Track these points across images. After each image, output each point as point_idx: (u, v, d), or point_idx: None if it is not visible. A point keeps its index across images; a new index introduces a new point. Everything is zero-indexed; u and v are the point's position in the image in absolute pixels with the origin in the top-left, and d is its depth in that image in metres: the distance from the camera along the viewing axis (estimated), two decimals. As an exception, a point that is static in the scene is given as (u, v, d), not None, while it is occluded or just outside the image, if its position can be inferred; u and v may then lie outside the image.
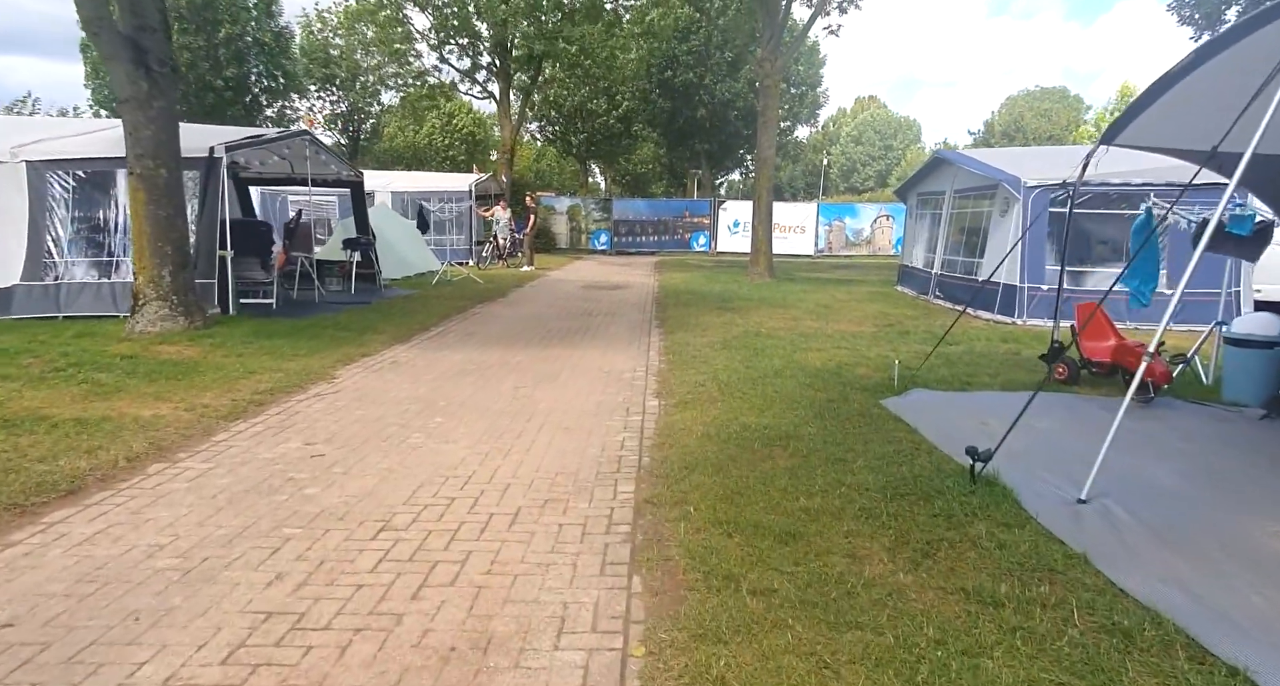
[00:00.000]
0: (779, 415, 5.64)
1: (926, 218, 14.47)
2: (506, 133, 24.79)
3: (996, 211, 11.09)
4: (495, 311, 11.81)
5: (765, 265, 17.46)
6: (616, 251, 29.37)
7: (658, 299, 14.09)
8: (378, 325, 9.51)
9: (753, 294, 14.75)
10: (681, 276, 18.85)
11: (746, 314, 11.74)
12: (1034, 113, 49.62)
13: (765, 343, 8.94)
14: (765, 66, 16.34)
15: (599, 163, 46.44)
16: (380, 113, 49.58)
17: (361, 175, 13.31)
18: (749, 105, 32.93)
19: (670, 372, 7.29)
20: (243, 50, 34.38)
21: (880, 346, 8.84)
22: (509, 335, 9.51)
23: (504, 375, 7.13)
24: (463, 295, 13.54)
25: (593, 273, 20.24)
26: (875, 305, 13.07)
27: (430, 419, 5.52)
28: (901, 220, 29.85)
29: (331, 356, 7.40)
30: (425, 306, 11.76)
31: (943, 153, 13.36)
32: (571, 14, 22.41)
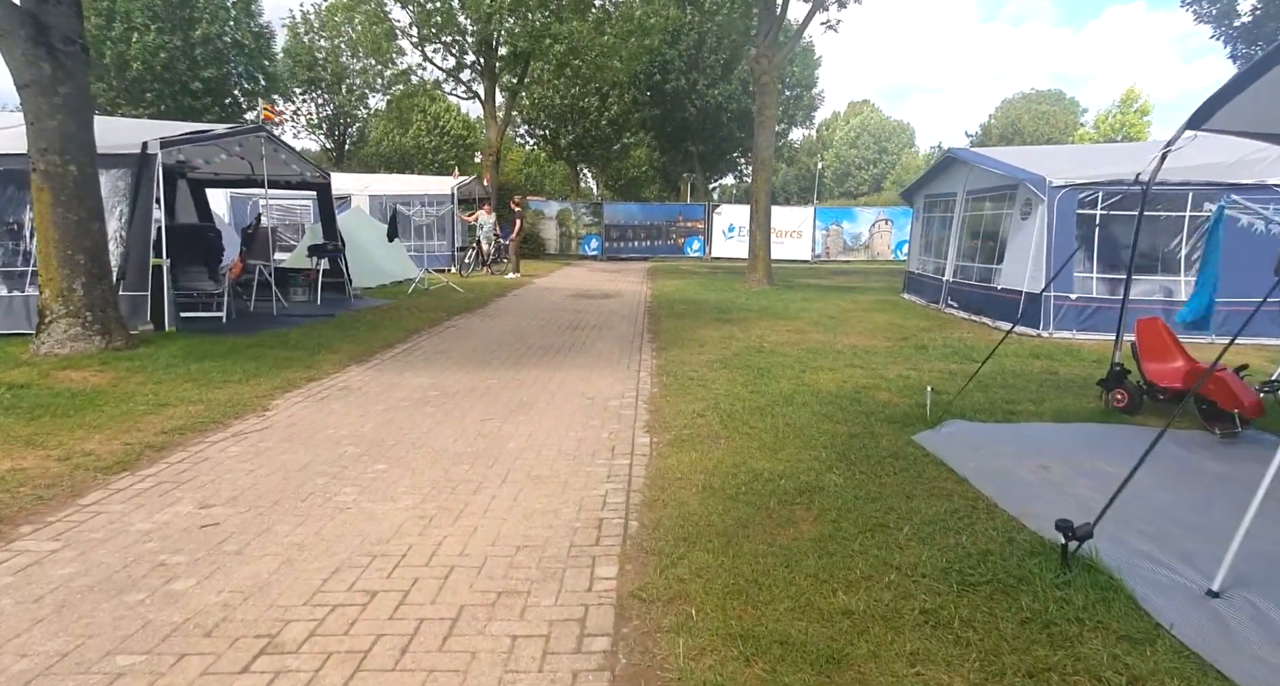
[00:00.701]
0: (795, 458, 4.66)
1: (936, 221, 13.55)
2: (492, 134, 23.81)
3: (1017, 214, 10.17)
4: (472, 325, 10.81)
5: (764, 272, 16.52)
6: (608, 257, 28.41)
7: (650, 309, 13.12)
8: (335, 342, 8.48)
9: (752, 303, 13.79)
10: (675, 284, 17.89)
11: (747, 326, 10.78)
12: (1031, 115, 48.96)
13: (770, 361, 7.96)
14: (762, 63, 15.43)
15: (590, 166, 45.53)
16: (367, 116, 48.62)
17: (328, 176, 12.30)
18: (742, 108, 32.07)
19: (664, 399, 6.31)
20: (221, 50, 33.33)
21: (898, 364, 7.88)
22: (483, 353, 8.50)
23: (471, 404, 6.13)
24: (439, 306, 12.53)
25: (582, 280, 19.26)
26: (884, 315, 12.12)
27: (371, 465, 4.51)
28: (901, 224, 29.06)
29: (270, 382, 6.38)
30: (395, 319, 10.74)
31: (956, 151, 12.46)
32: (558, 11, 21.46)
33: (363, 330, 9.56)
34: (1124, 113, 54.82)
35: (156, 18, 31.23)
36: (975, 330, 10.46)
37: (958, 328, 10.72)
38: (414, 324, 10.38)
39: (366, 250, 15.57)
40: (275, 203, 18.99)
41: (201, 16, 32.23)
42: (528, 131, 41.95)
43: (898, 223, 28.94)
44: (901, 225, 28.90)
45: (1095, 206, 9.57)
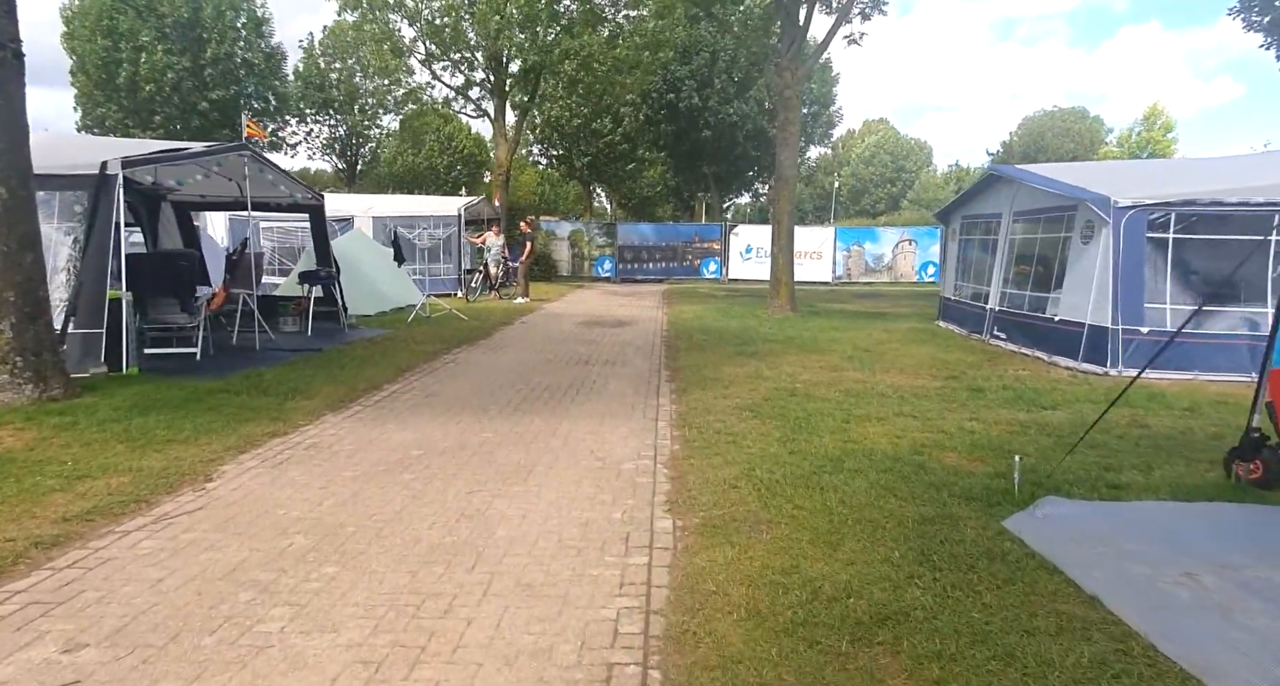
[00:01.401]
0: (862, 557, 3.63)
1: (976, 244, 12.52)
2: (502, 153, 23.08)
3: (1077, 237, 9.13)
4: (472, 359, 9.86)
5: (787, 297, 15.52)
6: (621, 279, 27.53)
7: (667, 339, 12.14)
8: (315, 384, 7.55)
9: (776, 332, 12.78)
10: (693, 309, 16.92)
11: (774, 361, 9.76)
12: (1055, 132, 47.89)
13: (807, 407, 6.94)
14: (785, 77, 14.54)
15: (603, 186, 44.89)
16: (380, 137, 48.42)
17: (321, 198, 11.45)
18: (757, 127, 31.31)
19: (688, 461, 5.30)
20: (231, 71, 33.02)
21: (954, 412, 6.83)
22: (481, 396, 7.54)
23: (458, 467, 5.15)
24: (439, 336, 11.61)
25: (594, 304, 18.33)
26: (923, 348, 11.07)
27: (318, 567, 3.53)
28: (925, 245, 28.00)
29: (224, 440, 5.43)
30: (388, 353, 9.82)
31: (1000, 168, 11.43)
32: (569, 27, 20.78)
33: (349, 367, 8.63)
34: (1148, 129, 53.69)
35: (166, 38, 30.99)
36: (1030, 366, 9.38)
37: (1009, 363, 9.64)
38: (408, 359, 9.44)
39: (367, 275, 14.75)
40: (273, 225, 18.26)
41: (211, 37, 31.97)
42: (540, 151, 41.45)
43: (922, 243, 27.93)
44: (926, 246, 27.89)
45: (1167, 229, 8.53)
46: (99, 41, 31.02)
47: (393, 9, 20.22)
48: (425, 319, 13.69)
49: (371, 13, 20.21)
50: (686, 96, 29.80)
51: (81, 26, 31.56)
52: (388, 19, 20.95)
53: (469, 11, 20.57)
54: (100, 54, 31.05)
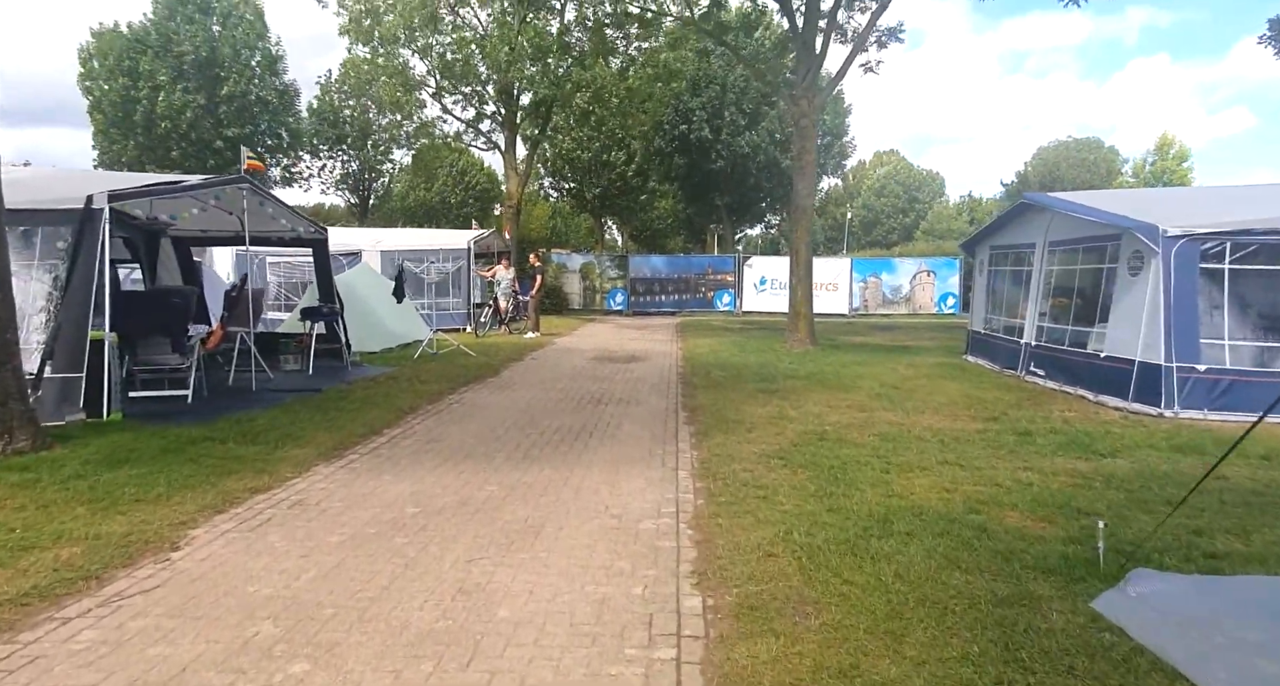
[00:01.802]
0: (934, 656, 3.03)
1: (1007, 276, 11.97)
2: (512, 185, 22.87)
3: (1123, 269, 8.56)
4: (479, 399, 9.34)
5: (806, 330, 14.97)
6: (634, 312, 27.11)
7: (683, 375, 11.59)
8: (309, 429, 7.04)
9: (797, 367, 12.21)
10: (708, 343, 16.39)
11: (798, 399, 9.18)
12: (1070, 162, 47.52)
13: (840, 453, 6.35)
14: (801, 105, 14.19)
15: (614, 218, 44.80)
16: (393, 171, 48.73)
17: (324, 232, 11.08)
18: (770, 157, 31.13)
19: (715, 521, 4.72)
20: (246, 108, 33.27)
21: (1004, 460, 6.22)
22: (486, 442, 7.00)
23: (458, 528, 4.59)
24: (445, 374, 11.12)
25: (606, 338, 17.85)
26: (955, 384, 10.46)
27: (284, 667, 2.97)
28: (944, 276, 27.43)
29: (200, 498, 4.91)
30: (390, 393, 9.31)
31: (1034, 197, 10.92)
32: (581, 59, 20.68)
33: (349, 410, 8.12)
34: (1162, 159, 53.27)
35: (183, 76, 31.30)
36: (1075, 406, 8.75)
37: (1052, 402, 9.02)
38: (411, 400, 8.93)
39: (373, 310, 14.35)
40: (280, 260, 17.98)
41: (229, 75, 32.28)
42: (552, 184, 41.48)
43: (940, 274, 27.38)
44: (944, 277, 27.33)
45: (1222, 260, 7.96)
46: (118, 80, 31.40)
47: (403, 43, 20.21)
48: (432, 356, 13.23)
49: (382, 47, 20.19)
50: (698, 128, 29.69)
51: (101, 66, 31.98)
52: (398, 53, 20.93)
53: (480, 45, 20.53)
54: (119, 92, 31.39)
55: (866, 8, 15.96)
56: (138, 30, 31.99)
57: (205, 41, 31.52)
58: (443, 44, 21.07)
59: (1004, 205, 56.24)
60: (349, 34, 19.47)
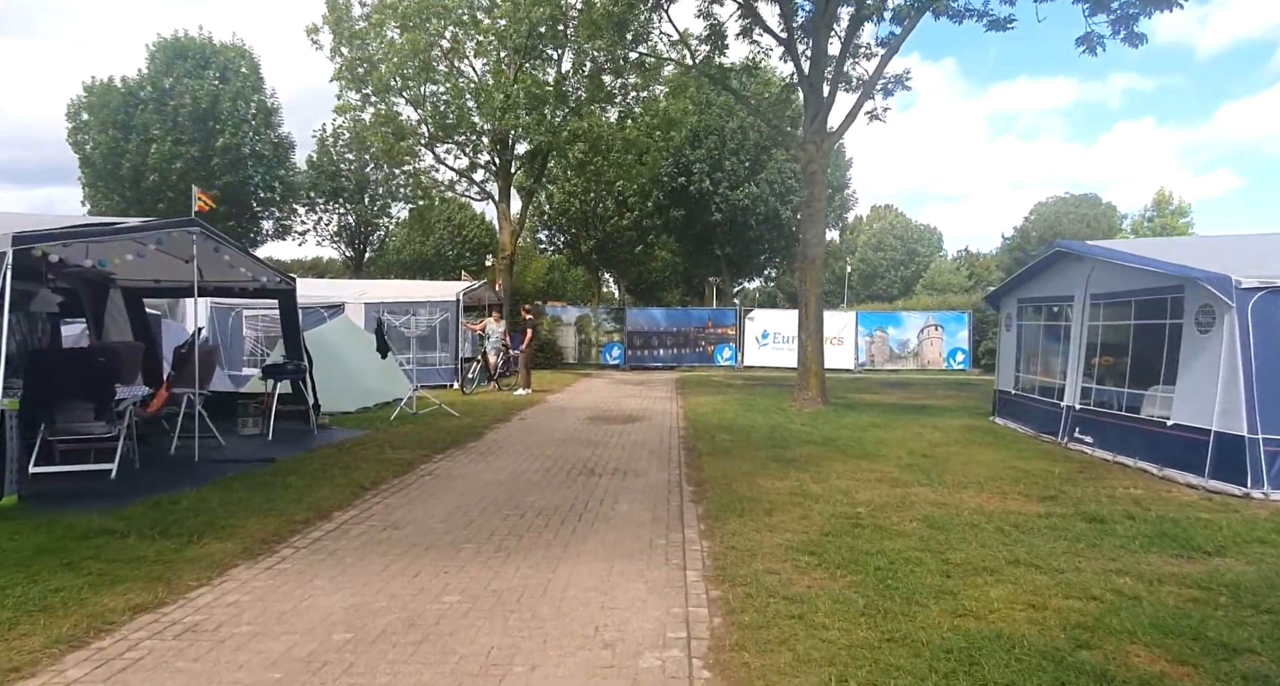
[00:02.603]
0: None
1: (1040, 332, 10.97)
2: (505, 236, 22.13)
3: (1189, 325, 7.55)
4: (455, 469, 8.19)
5: (817, 388, 13.90)
6: (631, 366, 26.06)
7: (686, 439, 10.46)
8: (239, 514, 5.87)
9: (811, 430, 11.09)
10: (710, 401, 15.28)
11: (819, 470, 8.05)
12: (1071, 217, 47.31)
13: (884, 548, 5.20)
14: (809, 150, 13.46)
15: (611, 271, 44.21)
16: (391, 225, 48.43)
17: (292, 282, 10.08)
18: (770, 209, 30.60)
19: (740, 656, 3.55)
20: (239, 160, 32.82)
21: (1086, 556, 5.08)
22: (453, 529, 5.84)
23: (393, 670, 3.42)
24: (421, 439, 9.97)
25: (602, 395, 16.75)
26: (991, 452, 9.33)
27: None
28: (953, 330, 26.50)
29: (61, 622, 3.74)
30: (354, 463, 8.16)
31: (1071, 245, 9.96)
32: (578, 108, 20.18)
33: (298, 486, 6.96)
34: (1161, 214, 53.19)
35: (177, 128, 30.91)
36: (1138, 481, 7.62)
37: (1109, 476, 7.89)
38: (375, 472, 7.77)
39: (351, 367, 13.28)
40: (257, 313, 17.00)
41: (225, 128, 31.95)
42: (548, 237, 41.02)
43: (948, 328, 26.47)
44: (953, 332, 26.42)
45: (1307, 313, 6.95)
46: (108, 133, 31.02)
47: (396, 91, 19.71)
48: (411, 416, 12.10)
49: (375, 95, 19.68)
50: (698, 180, 29.21)
51: (94, 119, 31.64)
52: (391, 101, 20.42)
53: (474, 94, 20.05)
54: (108, 145, 30.98)
55: (874, 53, 15.44)
56: (132, 84, 31.81)
57: (205, 94, 31.27)
58: (436, 93, 20.60)
59: (1004, 260, 56.03)
60: (341, 80, 18.98)
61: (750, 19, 13.88)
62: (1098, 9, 11.49)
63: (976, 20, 13.68)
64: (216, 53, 33.30)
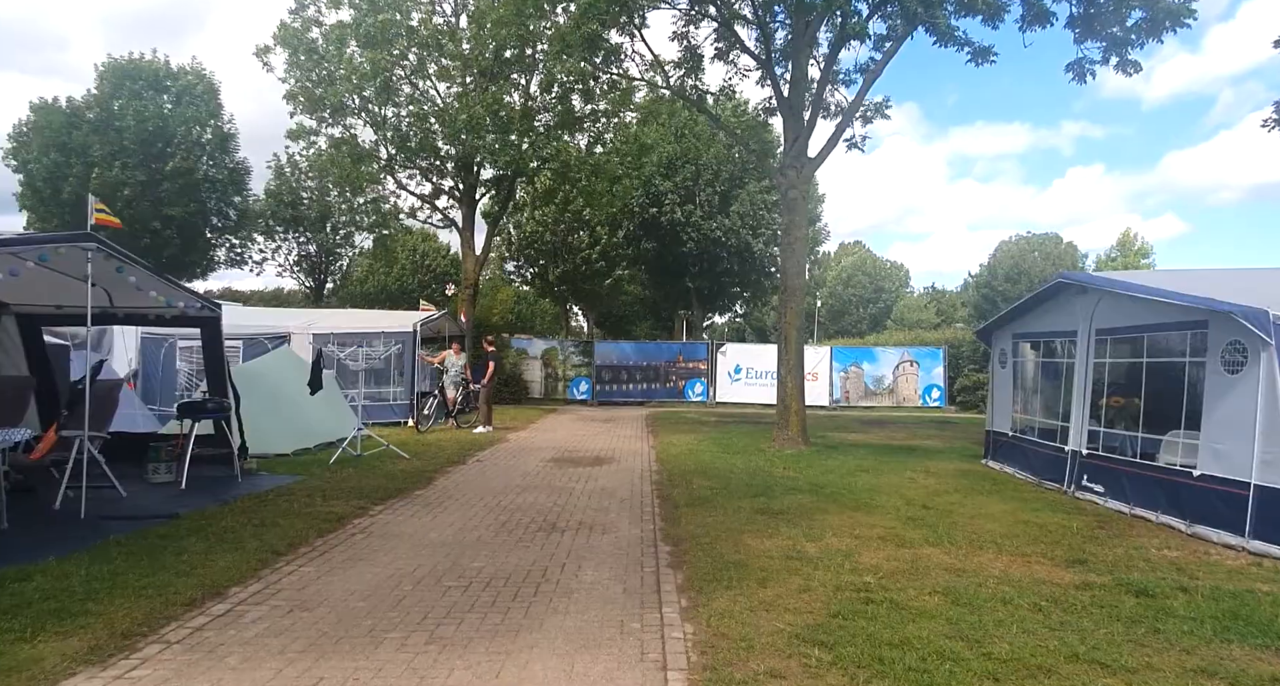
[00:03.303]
0: None
1: (1038, 368, 10.26)
2: (469, 265, 21.07)
3: (1214, 363, 6.82)
4: (393, 525, 7.06)
5: (798, 428, 13.01)
6: (599, 401, 24.99)
7: (659, 486, 9.45)
8: (105, 593, 4.70)
9: (796, 475, 10.17)
10: (684, 440, 14.29)
11: (812, 525, 7.10)
12: (1036, 256, 47.84)
13: (906, 634, 4.24)
14: (789, 176, 12.78)
15: (580, 303, 43.34)
16: (354, 255, 47.14)
17: (217, 309, 8.92)
18: (741, 241, 30.08)
19: None
20: (191, 186, 31.35)
21: (1157, 648, 4.18)
22: (377, 609, 4.74)
23: None
24: (361, 486, 8.80)
25: (567, 434, 15.66)
26: (995, 502, 8.48)
27: None
28: (928, 366, 25.94)
29: None
30: (271, 519, 6.97)
31: (1073, 276, 9.26)
32: (546, 133, 19.41)
33: (194, 551, 5.78)
34: (1124, 254, 54.15)
35: (124, 152, 29.49)
36: (1168, 540, 6.80)
37: (1132, 533, 7.06)
38: (297, 529, 6.61)
39: (290, 403, 12.05)
40: (193, 343, 15.66)
41: (176, 152, 30.59)
42: (515, 268, 40.13)
43: (924, 364, 25.92)
44: (929, 367, 25.87)
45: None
46: (51, 156, 29.46)
47: (353, 113, 18.76)
48: (354, 459, 10.90)
49: (331, 116, 18.69)
50: (669, 210, 28.61)
51: (36, 140, 30.04)
52: (348, 125, 19.44)
53: (438, 116, 19.17)
54: (49, 169, 29.37)
55: (853, 80, 14.95)
56: (77, 104, 30.41)
57: (152, 116, 29.94)
58: (398, 114, 19.68)
59: (972, 297, 56.36)
60: (294, 101, 17.98)
61: (728, 41, 13.28)
62: (1088, 34, 11.08)
63: (959, 49, 13.26)
64: (173, 76, 32.10)
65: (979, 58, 13.06)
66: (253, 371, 11.78)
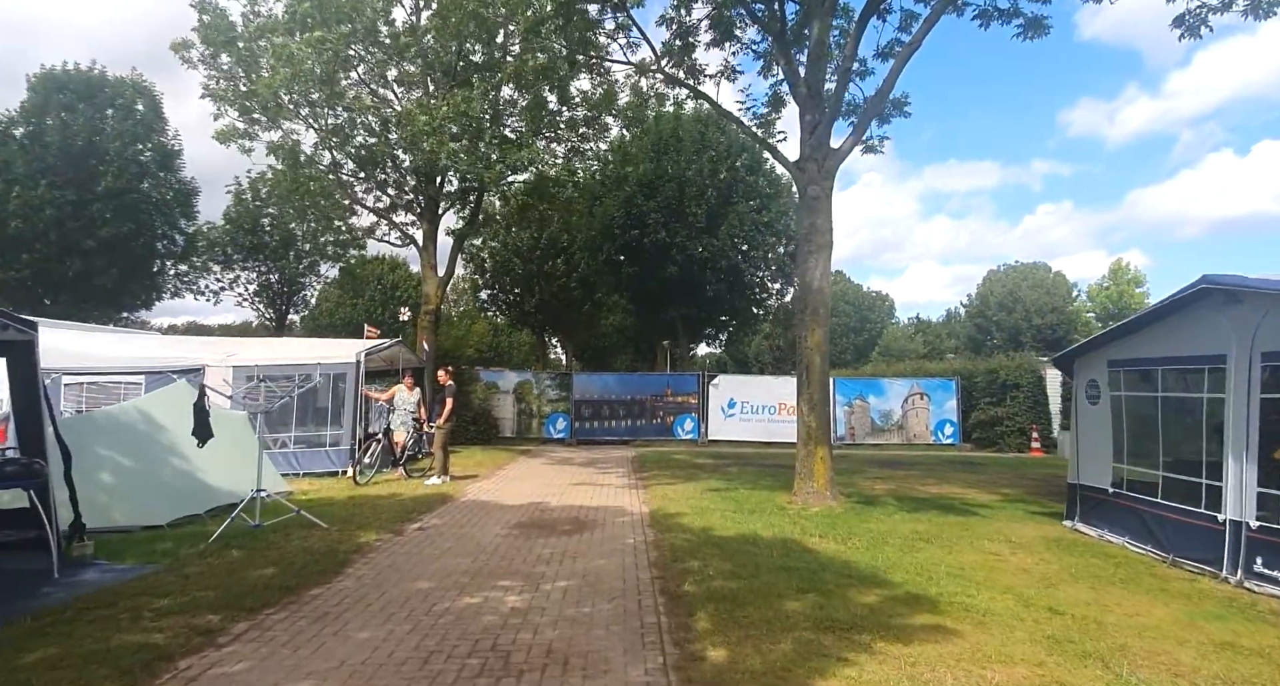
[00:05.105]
0: None
1: (1155, 406, 7.82)
2: (431, 287, 18.51)
3: None
4: (238, 673, 4.37)
5: (825, 478, 10.49)
6: (579, 440, 22.32)
7: (663, 571, 6.82)
8: None
9: (842, 549, 7.61)
10: (682, 493, 11.69)
11: (909, 652, 4.53)
12: (1029, 284, 46.23)
13: None
14: (809, 170, 10.46)
15: (558, 333, 40.80)
16: (318, 285, 44.37)
17: (27, 331, 6.19)
18: (732, 264, 27.81)
19: None
20: (129, 207, 28.41)
21: None
22: None
23: None
24: (230, 583, 6.08)
25: (541, 484, 12.98)
26: (1143, 600, 5.98)
27: None
28: (940, 400, 23.62)
29: None
30: (33, 665, 4.27)
31: (1223, 279, 6.74)
32: (518, 141, 17.07)
33: None
34: (1116, 283, 52.85)
35: (49, 170, 26.64)
36: None
37: None
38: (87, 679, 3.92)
39: (180, 457, 9.32)
40: (82, 380, 12.88)
41: (109, 170, 27.73)
42: (490, 297, 37.63)
43: (935, 397, 23.60)
44: (940, 401, 23.55)
45: None
46: (-34, 175, 26.53)
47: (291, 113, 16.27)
48: (250, 532, 8.13)
49: (264, 115, 16.16)
50: (653, 231, 26.30)
51: (-45, 159, 27.12)
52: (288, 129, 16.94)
53: (396, 121, 16.75)
54: (-35, 188, 26.43)
55: (869, 72, 12.79)
56: (3, 118, 27.58)
57: (82, 130, 27.19)
58: (350, 119, 17.26)
59: (965, 327, 54.48)
60: (215, 97, 15.45)
61: (731, 9, 11.00)
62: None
63: (1005, 23, 11.17)
64: (111, 88, 29.42)
65: (1031, 31, 10.97)
66: (118, 419, 9.03)
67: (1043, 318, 43.99)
